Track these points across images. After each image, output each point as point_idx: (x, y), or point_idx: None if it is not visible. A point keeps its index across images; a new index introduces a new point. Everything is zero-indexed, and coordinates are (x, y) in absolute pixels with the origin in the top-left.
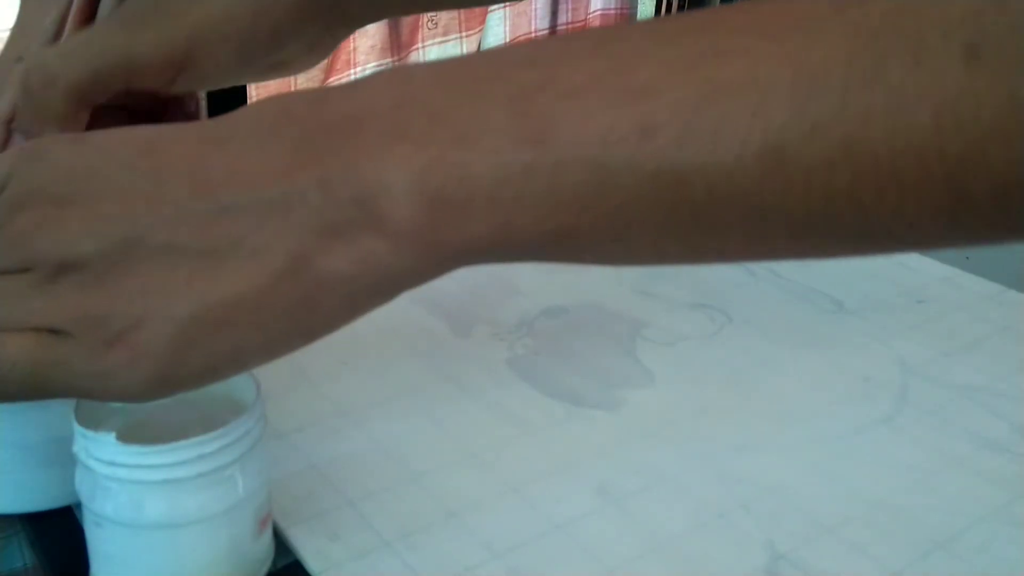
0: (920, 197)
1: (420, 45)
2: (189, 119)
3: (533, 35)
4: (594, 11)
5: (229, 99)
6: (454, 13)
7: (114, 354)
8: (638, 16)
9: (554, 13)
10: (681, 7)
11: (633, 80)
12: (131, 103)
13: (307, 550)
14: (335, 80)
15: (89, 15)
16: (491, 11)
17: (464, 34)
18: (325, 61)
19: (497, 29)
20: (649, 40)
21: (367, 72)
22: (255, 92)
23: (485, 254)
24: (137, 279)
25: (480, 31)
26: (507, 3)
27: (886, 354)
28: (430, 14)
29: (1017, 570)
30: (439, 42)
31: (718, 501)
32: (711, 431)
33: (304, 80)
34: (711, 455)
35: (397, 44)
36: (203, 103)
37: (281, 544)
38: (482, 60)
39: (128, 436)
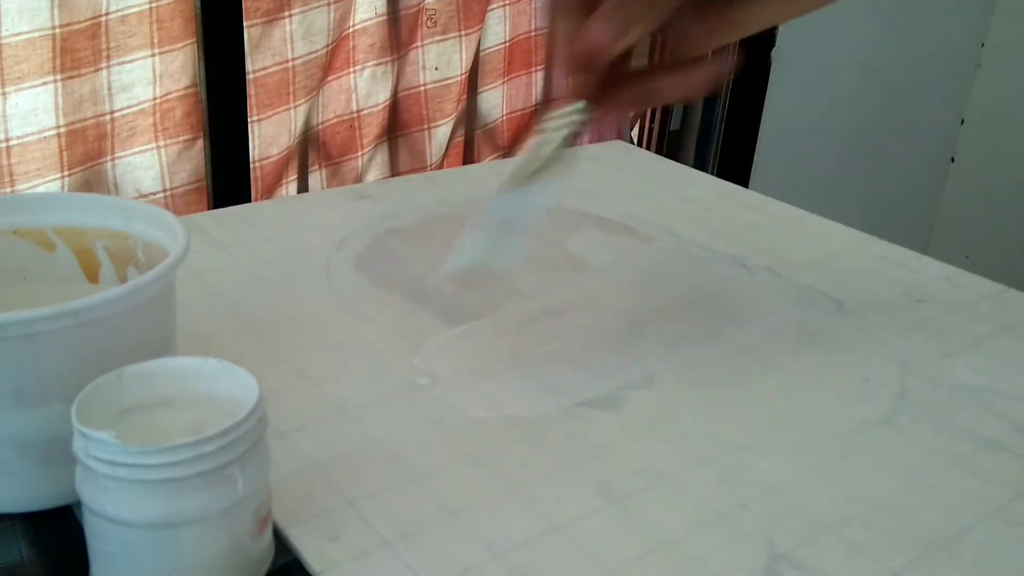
0: None
1: (419, 44)
2: None
3: (533, 35)
4: None
5: None
6: (453, 12)
7: None
8: None
9: None
10: None
11: None
12: None
13: (307, 550)
14: (334, 80)
15: None
16: (490, 10)
17: (463, 32)
18: (323, 61)
19: (497, 28)
20: None
21: (366, 71)
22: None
23: None
24: None
25: (479, 30)
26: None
27: (886, 354)
28: (429, 12)
29: (1017, 570)
30: (438, 40)
31: (718, 501)
32: (711, 431)
33: (303, 78)
34: (711, 455)
35: (396, 43)
36: None
37: (281, 544)
38: None
39: (128, 436)
